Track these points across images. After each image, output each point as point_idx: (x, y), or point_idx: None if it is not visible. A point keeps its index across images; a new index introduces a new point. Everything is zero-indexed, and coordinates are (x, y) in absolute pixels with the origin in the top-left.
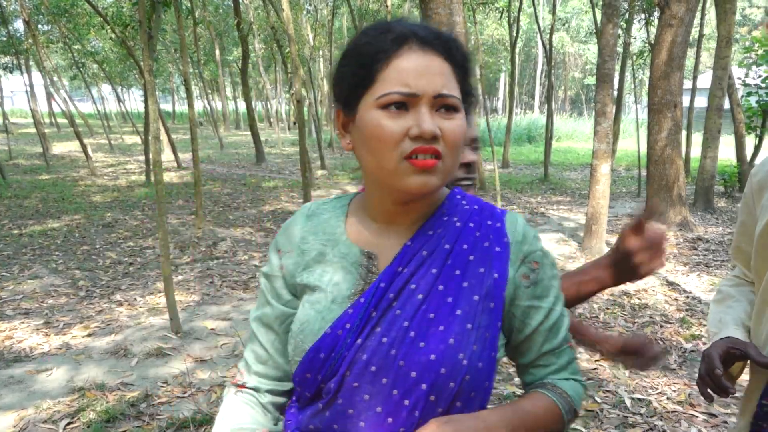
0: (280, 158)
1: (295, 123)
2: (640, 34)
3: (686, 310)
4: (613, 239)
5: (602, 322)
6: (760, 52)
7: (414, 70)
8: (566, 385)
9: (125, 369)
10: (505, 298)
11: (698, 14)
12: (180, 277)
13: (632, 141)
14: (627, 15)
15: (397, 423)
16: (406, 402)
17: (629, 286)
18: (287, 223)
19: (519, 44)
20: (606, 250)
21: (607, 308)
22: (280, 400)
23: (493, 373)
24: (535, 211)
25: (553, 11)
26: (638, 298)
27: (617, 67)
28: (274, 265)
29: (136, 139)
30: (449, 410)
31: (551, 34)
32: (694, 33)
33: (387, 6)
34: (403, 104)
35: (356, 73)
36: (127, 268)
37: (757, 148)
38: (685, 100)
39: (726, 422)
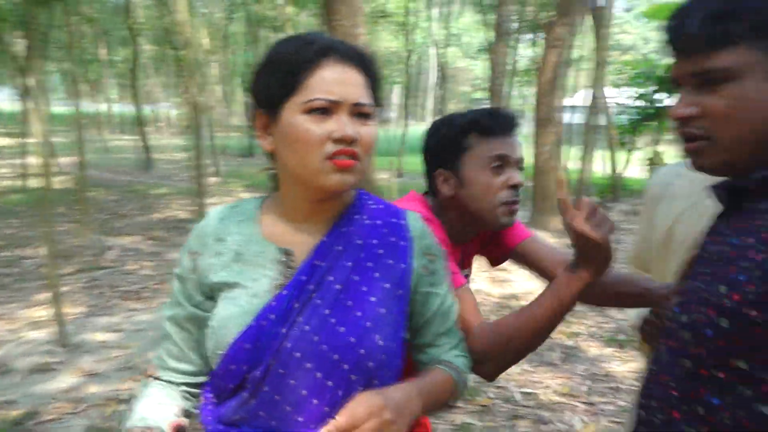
0: (169, 164)
1: (188, 127)
2: (525, 53)
3: None
4: None
5: None
6: (630, 74)
7: (336, 79)
8: (458, 361)
9: (7, 386)
10: (411, 286)
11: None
12: (65, 288)
13: None
14: (516, 35)
15: (322, 404)
16: (330, 383)
17: (516, 290)
18: (199, 226)
19: (413, 57)
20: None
21: (498, 310)
22: (195, 391)
23: (403, 352)
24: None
25: (447, 27)
26: (525, 300)
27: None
28: (186, 266)
29: (7, 141)
30: (368, 388)
31: (444, 48)
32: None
33: (285, 13)
34: (326, 110)
35: (282, 79)
36: (2, 280)
37: (628, 161)
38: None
39: (603, 410)
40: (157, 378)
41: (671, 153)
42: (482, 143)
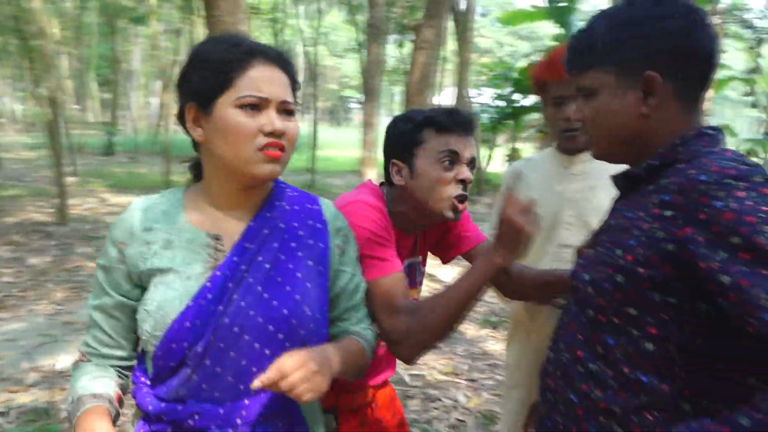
0: (18, 164)
1: (34, 125)
2: (392, 53)
3: None
4: None
5: None
6: (489, 76)
7: (264, 79)
8: (367, 333)
9: None
10: (329, 264)
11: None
12: None
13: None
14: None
15: (260, 370)
16: (267, 352)
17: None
18: (122, 218)
19: None
20: None
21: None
22: (127, 373)
23: (327, 321)
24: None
25: (318, 25)
26: None
27: None
28: (113, 257)
29: None
30: None
31: (314, 46)
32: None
33: (149, 5)
34: (256, 106)
35: (215, 76)
36: None
37: (490, 158)
38: None
39: (483, 385)
40: (89, 361)
41: (528, 149)
42: (436, 138)
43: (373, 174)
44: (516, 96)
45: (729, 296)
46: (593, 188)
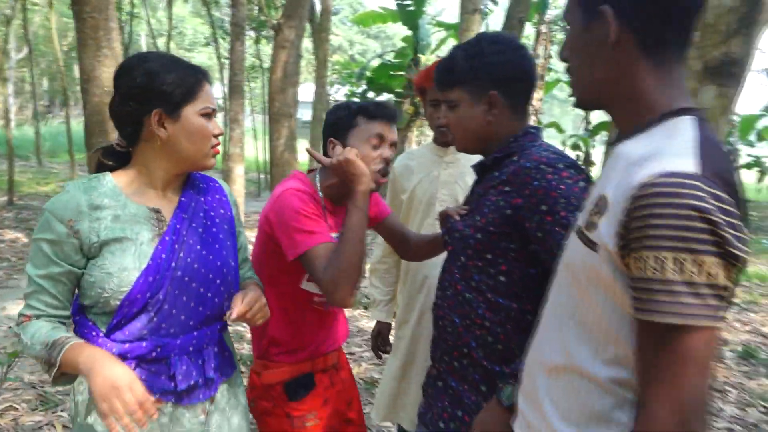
0: None
1: None
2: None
3: None
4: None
5: None
6: (342, 74)
7: (211, 95)
8: (256, 278)
9: None
10: (234, 225)
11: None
12: None
13: (249, 147)
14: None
15: (205, 309)
16: (208, 294)
17: None
18: (65, 199)
19: (132, 48)
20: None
21: None
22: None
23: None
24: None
25: (170, 18)
26: None
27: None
28: (61, 232)
29: None
30: (227, 293)
31: (167, 39)
32: None
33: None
34: (209, 115)
35: (181, 91)
36: None
37: None
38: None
39: (362, 357)
40: (37, 319)
41: None
42: (366, 124)
43: (241, 169)
44: (370, 94)
45: (539, 244)
46: (462, 173)
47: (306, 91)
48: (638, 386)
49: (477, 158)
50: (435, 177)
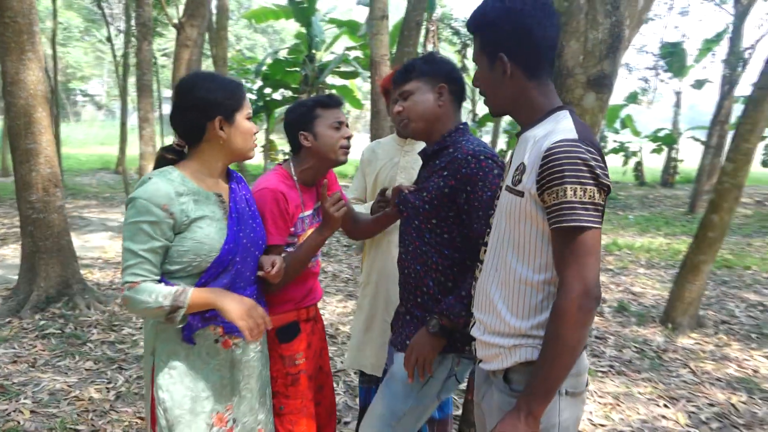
0: None
1: None
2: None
3: None
4: None
5: None
6: (237, 69)
7: (249, 102)
8: None
9: None
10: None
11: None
12: None
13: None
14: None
15: (255, 268)
16: (258, 255)
17: None
18: (153, 190)
19: None
20: None
21: None
22: None
23: None
24: (74, 215)
25: (54, 16)
26: None
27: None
28: (161, 215)
29: None
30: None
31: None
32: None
33: None
34: (251, 118)
35: (235, 101)
36: None
37: None
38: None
39: None
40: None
41: (284, 141)
42: (326, 112)
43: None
44: (267, 90)
45: (465, 213)
46: (417, 160)
47: None
48: (557, 274)
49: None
50: (396, 163)
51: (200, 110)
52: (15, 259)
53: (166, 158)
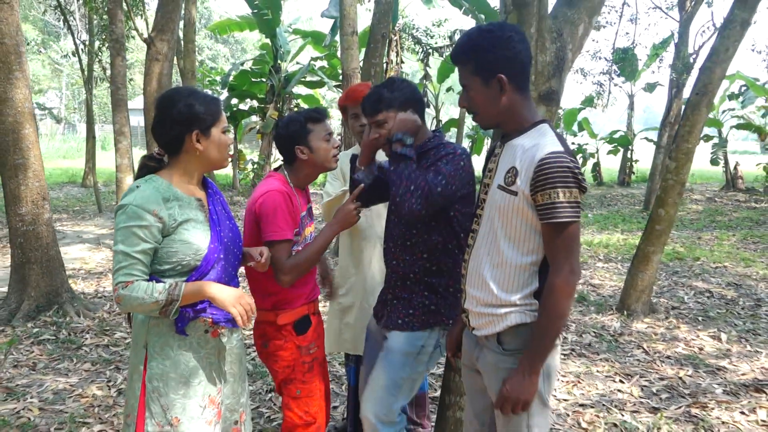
0: None
1: None
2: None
3: None
4: None
5: None
6: (204, 81)
7: (224, 117)
8: None
9: None
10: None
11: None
12: None
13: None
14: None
15: (237, 263)
16: (237, 252)
17: None
18: (143, 197)
19: None
20: None
21: None
22: None
23: None
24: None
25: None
26: None
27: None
28: (151, 219)
29: None
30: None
31: None
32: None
33: None
34: (226, 131)
35: (211, 115)
36: None
37: None
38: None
39: None
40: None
41: (251, 150)
42: (317, 126)
43: (130, 179)
44: (234, 101)
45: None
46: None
47: None
48: (549, 258)
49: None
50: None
51: (179, 124)
52: (1, 271)
53: (147, 166)
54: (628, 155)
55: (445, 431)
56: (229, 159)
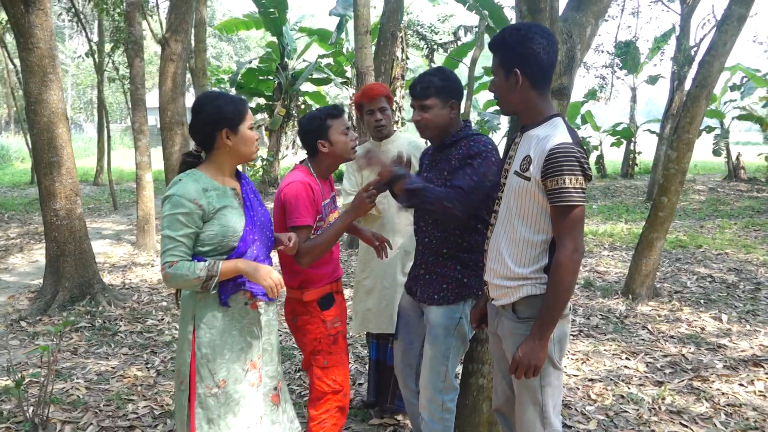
0: None
1: None
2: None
3: None
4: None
5: None
6: (211, 79)
7: (251, 115)
8: None
9: None
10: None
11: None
12: None
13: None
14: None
15: (268, 248)
16: (269, 234)
17: None
18: (185, 188)
19: None
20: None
21: None
22: None
23: None
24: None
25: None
26: None
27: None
28: (191, 208)
29: None
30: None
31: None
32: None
33: None
34: (252, 128)
35: (238, 114)
36: None
37: None
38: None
39: None
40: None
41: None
42: (335, 122)
43: (149, 176)
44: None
45: (458, 170)
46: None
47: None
48: (556, 238)
49: (402, 146)
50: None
51: (210, 124)
52: (24, 267)
53: (187, 162)
54: (631, 147)
55: (468, 396)
56: (256, 151)
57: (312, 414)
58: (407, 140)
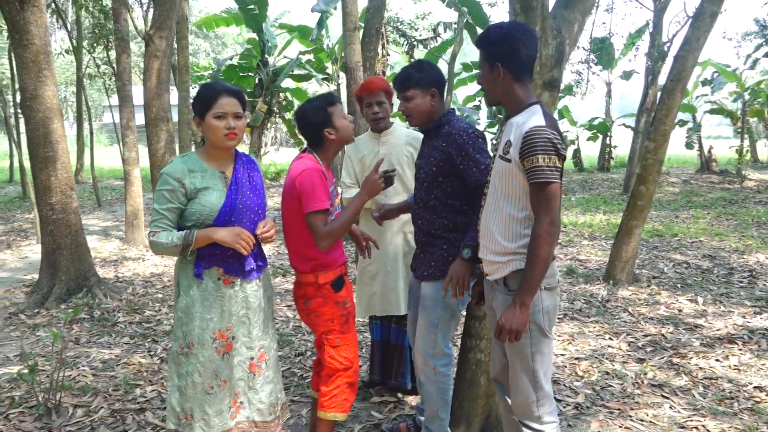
0: None
1: None
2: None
3: None
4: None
5: None
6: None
7: (225, 104)
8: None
9: None
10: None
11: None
12: None
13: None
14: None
15: (253, 227)
16: (254, 218)
17: None
18: (173, 167)
19: None
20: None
21: None
22: None
23: None
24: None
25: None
26: None
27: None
28: (175, 186)
29: None
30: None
31: None
32: None
33: None
34: (221, 116)
35: (204, 104)
36: None
37: None
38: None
39: None
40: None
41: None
42: (335, 108)
43: (137, 171)
44: None
45: (462, 171)
46: (393, 147)
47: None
48: (533, 213)
49: (400, 138)
50: (376, 152)
51: (195, 112)
52: (15, 263)
53: (198, 144)
54: (607, 141)
55: (466, 370)
56: (229, 138)
57: (323, 390)
58: (405, 133)
